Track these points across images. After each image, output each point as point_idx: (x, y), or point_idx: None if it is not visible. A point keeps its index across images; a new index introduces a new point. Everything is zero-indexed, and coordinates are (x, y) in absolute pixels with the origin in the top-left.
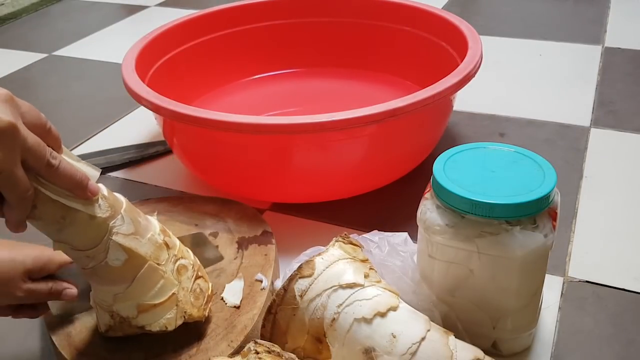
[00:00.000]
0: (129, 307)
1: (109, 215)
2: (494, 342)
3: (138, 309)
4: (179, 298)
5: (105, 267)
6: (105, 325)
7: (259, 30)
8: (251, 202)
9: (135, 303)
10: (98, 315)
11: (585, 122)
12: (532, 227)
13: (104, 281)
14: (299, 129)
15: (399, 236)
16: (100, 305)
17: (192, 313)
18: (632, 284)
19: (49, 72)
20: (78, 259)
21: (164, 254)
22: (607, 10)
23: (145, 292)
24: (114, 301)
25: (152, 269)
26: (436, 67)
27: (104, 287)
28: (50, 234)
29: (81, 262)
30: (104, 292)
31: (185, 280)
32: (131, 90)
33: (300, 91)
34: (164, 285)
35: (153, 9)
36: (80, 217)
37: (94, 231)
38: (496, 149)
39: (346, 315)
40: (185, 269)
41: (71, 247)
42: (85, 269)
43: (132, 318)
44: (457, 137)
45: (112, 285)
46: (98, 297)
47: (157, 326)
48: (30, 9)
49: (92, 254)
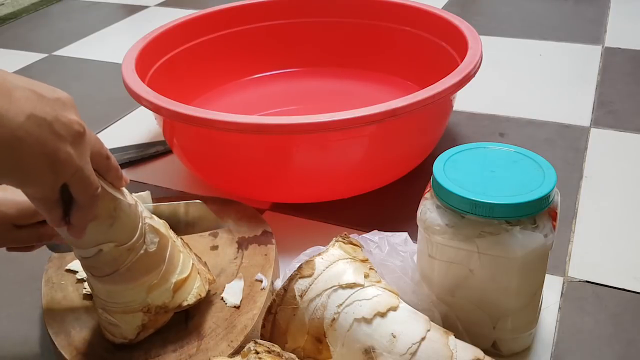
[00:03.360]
0: (165, 292)
1: (135, 201)
2: (494, 342)
3: (173, 289)
4: (196, 267)
5: (145, 256)
6: (137, 329)
7: (259, 30)
8: (251, 202)
9: (169, 285)
10: (122, 325)
11: (585, 122)
12: (532, 227)
13: (141, 273)
14: (299, 129)
15: (399, 236)
16: (127, 310)
17: (210, 277)
18: (632, 284)
19: (49, 72)
20: (116, 260)
21: (169, 229)
22: (607, 10)
23: (174, 270)
24: (149, 292)
25: (174, 246)
26: (436, 67)
27: (137, 283)
28: (98, 234)
29: (118, 262)
30: (136, 291)
31: (190, 251)
32: (131, 90)
33: (300, 91)
34: (184, 259)
35: (153, 9)
36: (124, 206)
37: (134, 219)
38: (496, 149)
39: (346, 315)
40: (184, 241)
41: (116, 245)
42: (119, 271)
43: (169, 301)
44: (457, 137)
45: (148, 274)
46: (124, 303)
47: (192, 298)
48: (30, 9)
49: (133, 245)
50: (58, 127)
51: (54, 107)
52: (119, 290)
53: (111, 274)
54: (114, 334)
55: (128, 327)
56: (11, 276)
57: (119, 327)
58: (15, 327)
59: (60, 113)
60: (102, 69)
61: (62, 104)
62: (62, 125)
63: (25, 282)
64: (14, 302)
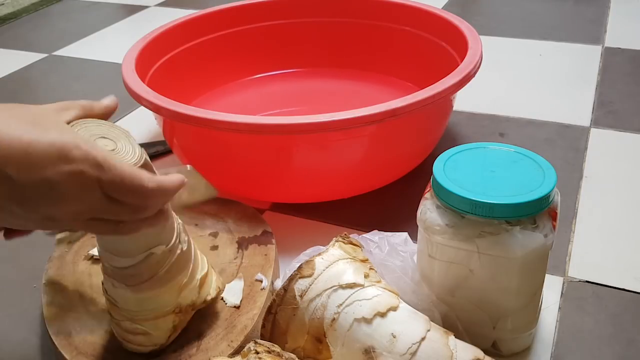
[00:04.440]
0: (193, 290)
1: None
2: (494, 342)
3: (199, 286)
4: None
5: (180, 256)
6: (168, 332)
7: (259, 30)
8: (251, 202)
9: (196, 282)
10: (154, 332)
11: (585, 122)
12: (532, 227)
13: (175, 274)
14: (299, 129)
15: (399, 236)
16: (159, 314)
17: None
18: (632, 284)
19: (49, 72)
20: (159, 263)
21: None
22: (607, 10)
23: (198, 267)
24: (180, 292)
25: (194, 243)
26: (436, 67)
27: (171, 285)
28: (151, 237)
29: (160, 265)
30: (169, 293)
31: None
32: (131, 90)
33: (300, 91)
34: (201, 255)
35: (153, 9)
36: (169, 208)
37: (172, 219)
38: (496, 149)
39: (346, 315)
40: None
41: (166, 247)
42: (158, 274)
43: (196, 298)
44: (457, 137)
45: (180, 274)
46: (156, 308)
47: (213, 292)
48: (30, 9)
49: (173, 246)
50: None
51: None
52: (154, 295)
53: (149, 279)
54: (142, 343)
55: (160, 332)
56: (11, 276)
57: (150, 334)
58: (15, 327)
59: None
60: (102, 69)
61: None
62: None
63: (25, 282)
64: (14, 302)
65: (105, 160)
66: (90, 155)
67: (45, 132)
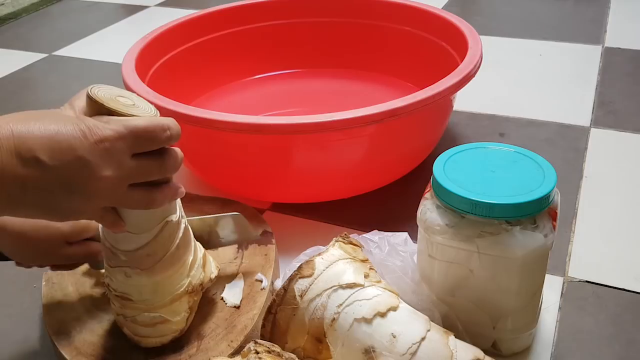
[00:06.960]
0: (198, 269)
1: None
2: (494, 342)
3: (202, 265)
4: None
5: (186, 231)
6: (185, 314)
7: (259, 30)
8: (251, 202)
9: (199, 261)
10: (172, 317)
11: (585, 122)
12: (532, 227)
13: (184, 252)
14: (299, 129)
15: (399, 236)
16: (175, 297)
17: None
18: (632, 284)
19: (49, 72)
20: (171, 236)
21: None
22: (607, 10)
23: (197, 247)
24: (190, 271)
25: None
26: (436, 67)
27: (181, 263)
28: (166, 207)
29: (172, 239)
30: (179, 272)
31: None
32: (131, 90)
33: (300, 91)
34: (194, 239)
35: (153, 9)
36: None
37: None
38: (496, 149)
39: (346, 315)
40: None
41: (176, 218)
42: (171, 251)
43: (202, 277)
44: (457, 137)
45: (187, 252)
46: (171, 291)
47: (215, 270)
48: (30, 9)
49: (179, 219)
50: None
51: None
52: (168, 276)
53: (162, 258)
54: (163, 332)
55: (177, 316)
56: (11, 276)
57: (169, 321)
58: (15, 327)
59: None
60: (102, 69)
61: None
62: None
63: (25, 282)
64: (14, 302)
65: (127, 124)
66: (112, 126)
67: (67, 121)
